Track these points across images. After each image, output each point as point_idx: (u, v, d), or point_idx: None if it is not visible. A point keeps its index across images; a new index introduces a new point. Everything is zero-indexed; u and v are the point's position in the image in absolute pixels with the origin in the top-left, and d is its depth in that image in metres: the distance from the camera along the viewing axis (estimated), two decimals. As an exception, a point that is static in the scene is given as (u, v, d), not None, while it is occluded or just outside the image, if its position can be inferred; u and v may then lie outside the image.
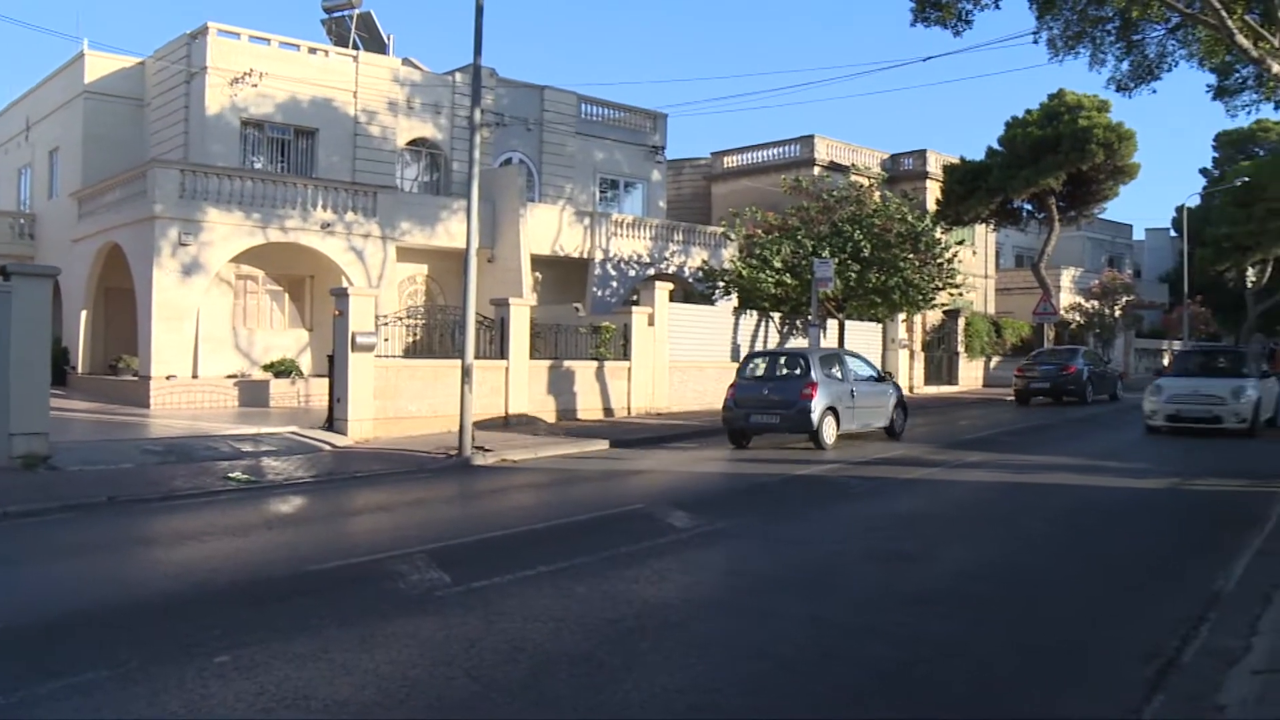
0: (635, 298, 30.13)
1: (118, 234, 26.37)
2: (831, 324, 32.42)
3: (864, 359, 23.09)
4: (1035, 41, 23.09)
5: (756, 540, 10.31)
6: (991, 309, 50.15)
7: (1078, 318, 51.33)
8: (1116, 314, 51.62)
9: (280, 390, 25.79)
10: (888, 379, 23.34)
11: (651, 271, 33.86)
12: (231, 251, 25.61)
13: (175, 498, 13.17)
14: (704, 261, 33.87)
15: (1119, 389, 36.48)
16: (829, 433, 19.69)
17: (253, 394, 25.32)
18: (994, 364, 45.86)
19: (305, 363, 27.72)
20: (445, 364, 21.53)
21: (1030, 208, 44.81)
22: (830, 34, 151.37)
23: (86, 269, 28.08)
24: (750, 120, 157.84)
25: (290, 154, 30.39)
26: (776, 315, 31.86)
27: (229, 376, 25.74)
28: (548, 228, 31.81)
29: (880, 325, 36.76)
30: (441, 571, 8.62)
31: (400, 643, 6.60)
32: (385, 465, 16.46)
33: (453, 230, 29.44)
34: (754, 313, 31.30)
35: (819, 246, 30.35)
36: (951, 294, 34.49)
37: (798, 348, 26.80)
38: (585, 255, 32.90)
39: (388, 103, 31.71)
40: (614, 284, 33.32)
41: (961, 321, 43.45)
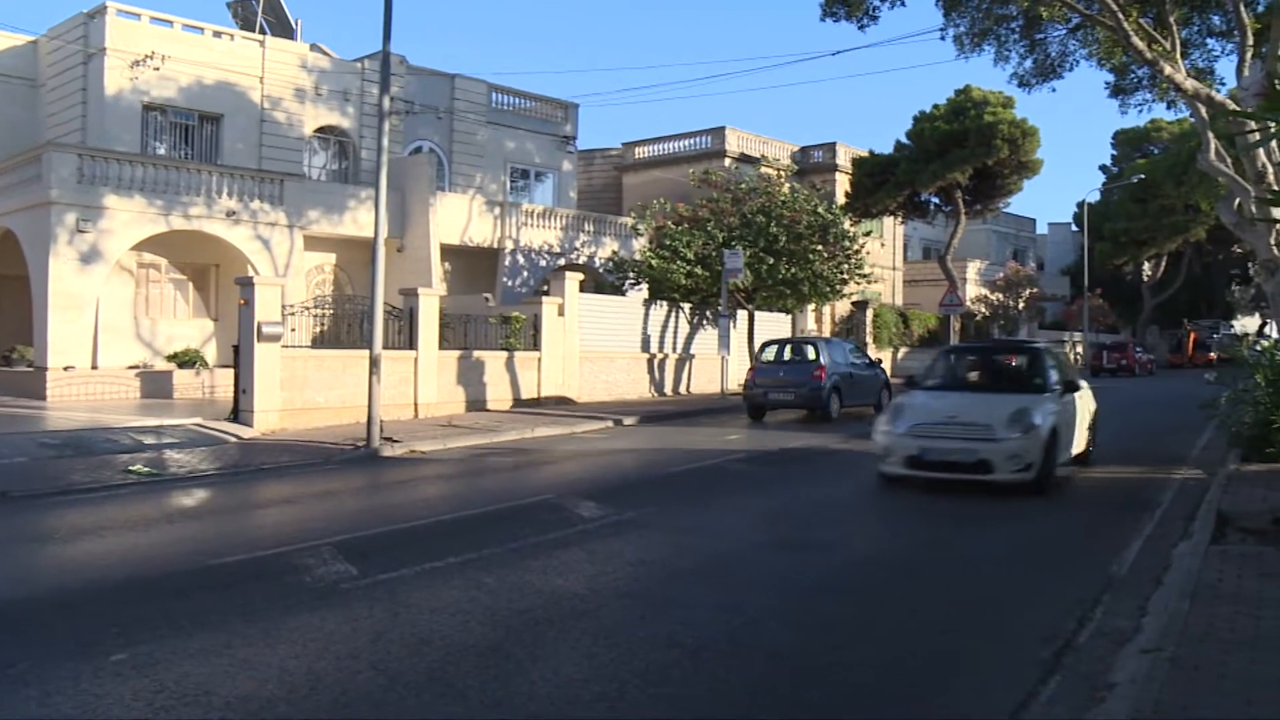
0: (545, 288, 30.08)
1: (10, 220, 25.56)
2: (741, 315, 32.70)
3: (858, 348, 27.59)
4: (942, 38, 23.43)
5: (664, 530, 10.38)
6: (899, 300, 50.95)
7: (983, 309, 52.42)
8: (1020, 306, 52.79)
9: (184, 381, 25.31)
10: (876, 364, 27.01)
11: (562, 262, 33.82)
12: (133, 239, 25.02)
13: (73, 492, 12.87)
14: (615, 252, 33.90)
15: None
16: (835, 407, 23.36)
17: (155, 385, 24.80)
18: (902, 355, 46.62)
19: (210, 353, 27.21)
20: (353, 354, 21.30)
21: (937, 201, 45.65)
22: (742, 27, 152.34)
23: (-25, 256, 27.24)
24: (662, 111, 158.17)
25: (195, 140, 29.79)
26: (687, 306, 32.04)
27: (130, 367, 25.17)
28: (458, 217, 31.61)
29: (789, 316, 37.16)
30: (348, 564, 8.56)
31: (306, 636, 6.56)
32: (292, 457, 16.26)
33: (361, 219, 29.08)
34: (664, 303, 31.44)
35: (729, 238, 30.59)
36: (860, 285, 35.02)
37: (808, 336, 31.49)
38: (495, 245, 32.74)
39: (295, 89, 31.24)
40: (524, 274, 33.21)
41: (870, 313, 44.09)
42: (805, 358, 24.19)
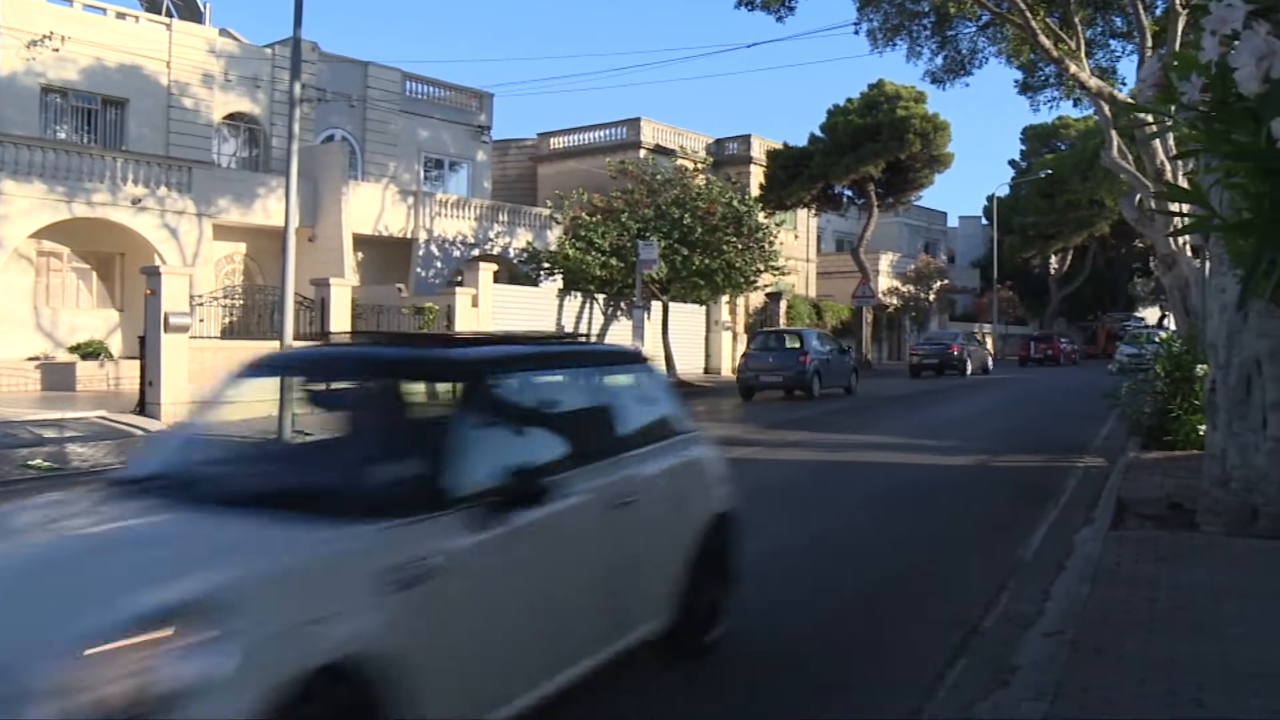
0: (459, 278, 29.91)
1: (-100, 206, 24.75)
2: (655, 306, 32.81)
3: (832, 338, 31.97)
4: (856, 32, 23.78)
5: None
6: (813, 292, 51.45)
7: (895, 301, 53.19)
8: (931, 298, 53.66)
9: (88, 373, 24.69)
10: (847, 352, 31.51)
11: (476, 252, 33.62)
12: (32, 226, 24.34)
13: (-31, 486, 12.50)
14: (529, 243, 33.82)
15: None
16: (816, 387, 27.41)
17: (57, 377, 24.16)
18: (815, 346, 47.09)
19: (115, 344, 26.59)
20: (264, 345, 20.93)
21: (850, 193, 46.22)
22: (658, 17, 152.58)
23: None
24: (577, 102, 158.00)
25: (98, 124, 29.07)
26: (601, 297, 32.11)
27: (30, 359, 24.48)
28: (371, 207, 31.26)
29: (704, 307, 37.44)
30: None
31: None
32: (199, 450, 15.93)
33: (272, 208, 28.61)
34: (579, 295, 31.46)
35: (644, 229, 30.66)
36: (774, 276, 35.33)
37: (793, 328, 34.96)
38: (409, 235, 32.45)
39: (203, 74, 30.62)
40: (438, 264, 32.97)
41: (783, 304, 44.45)
42: (791, 346, 28.23)
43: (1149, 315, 73.47)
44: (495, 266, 28.92)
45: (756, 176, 45.21)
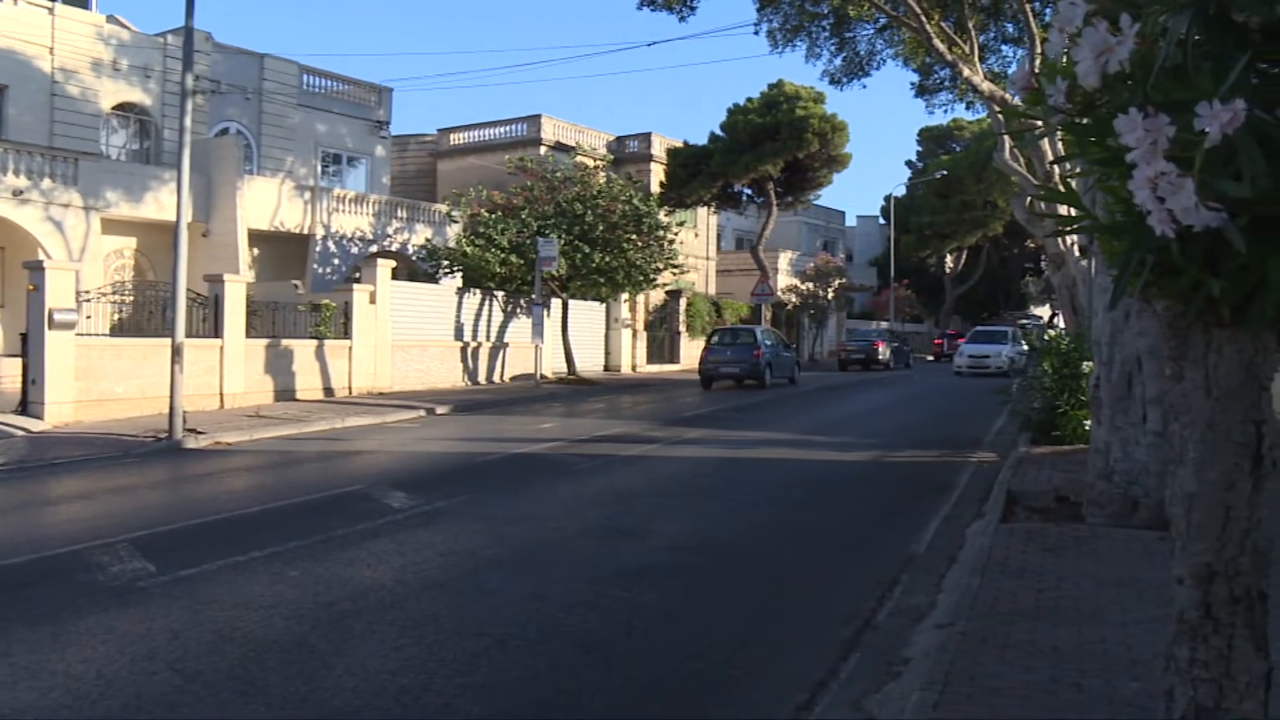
0: (357, 275, 29.51)
1: None
2: (555, 303, 32.78)
3: (778, 334, 36.55)
4: (756, 33, 23.92)
5: (476, 519, 10.32)
6: (712, 289, 51.79)
7: (793, 299, 53.76)
8: (829, 296, 54.35)
9: (-33, 371, 23.89)
10: (791, 348, 36.97)
11: (374, 249, 33.18)
12: (-94, 219, 23.46)
13: None
14: (428, 239, 33.51)
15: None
16: (768, 378, 31.52)
17: (-65, 375, 23.35)
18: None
19: (-4, 341, 25.76)
20: (155, 343, 20.50)
21: (750, 192, 46.66)
22: (560, 14, 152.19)
23: None
24: (478, 98, 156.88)
25: (-26, 113, 28.07)
26: (501, 294, 31.98)
27: (-94, 356, 23.64)
28: (267, 202, 30.66)
29: (604, 305, 37.48)
30: (146, 561, 8.26)
31: (96, 639, 6.30)
32: (87, 450, 15.53)
33: (164, 202, 27.88)
34: (478, 292, 31.29)
35: (544, 226, 30.61)
36: (673, 274, 35.53)
37: (749, 326, 37.17)
38: (306, 231, 31.91)
39: (90, 62, 29.71)
40: (335, 261, 32.49)
41: (683, 302, 44.70)
42: (745, 341, 32.04)
43: (1043, 313, 75.40)
44: (394, 263, 28.57)
45: (657, 174, 45.38)
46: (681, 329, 44.68)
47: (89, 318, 20.28)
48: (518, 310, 32.60)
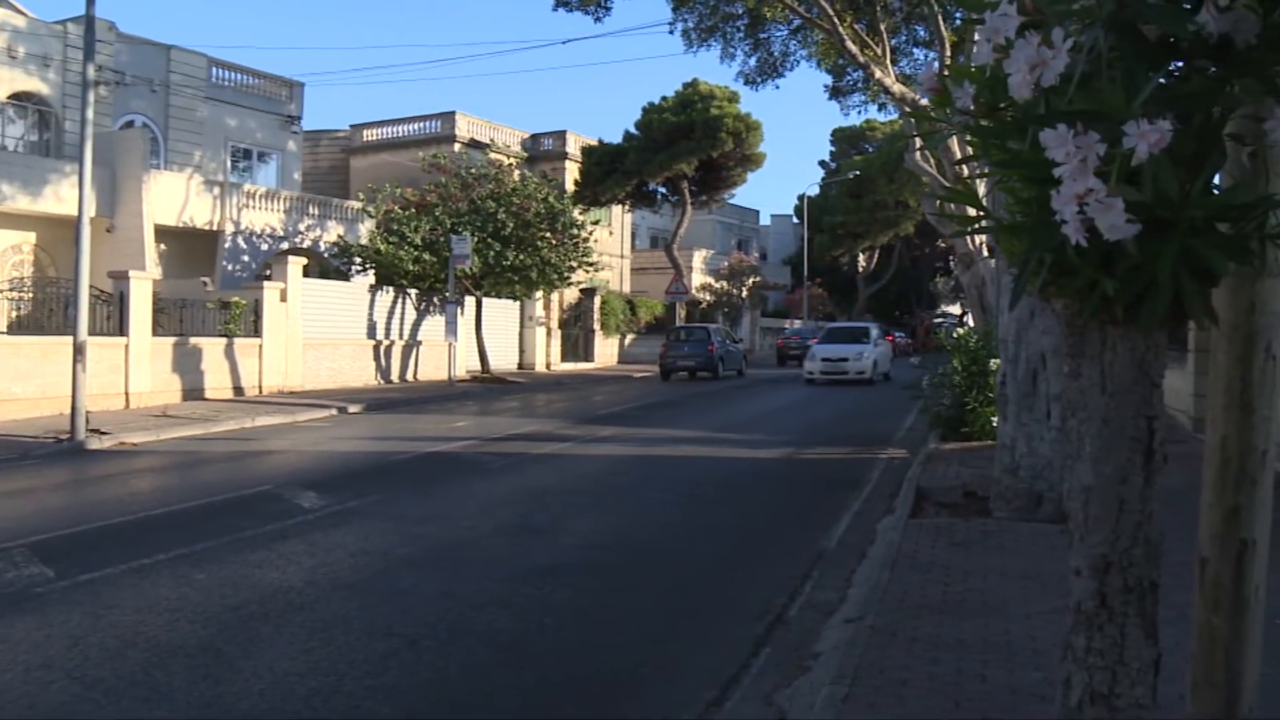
0: (268, 272, 29.07)
1: None
2: (469, 301, 32.62)
3: (729, 332, 40.98)
4: (671, 32, 24.04)
5: (388, 519, 10.23)
6: (627, 288, 51.89)
7: (708, 297, 54.06)
8: (744, 294, 54.74)
9: None
10: (739, 343, 41.02)
11: (285, 246, 32.70)
12: None
13: None
14: (340, 236, 33.12)
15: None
16: (720, 370, 35.30)
17: None
18: (629, 341, 47.50)
19: (-112, 339, 24.89)
20: (56, 341, 19.99)
21: (664, 191, 46.80)
22: (474, 10, 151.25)
23: None
24: (392, 94, 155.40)
25: None
26: (414, 292, 31.77)
27: None
28: (174, 197, 30.03)
29: (518, 303, 37.39)
30: (44, 566, 8.05)
31: (-9, 646, 6.12)
32: (-16, 451, 15.12)
33: (65, 195, 27.15)
34: (391, 289, 31.06)
35: (458, 224, 30.44)
36: (588, 273, 35.58)
37: (703, 324, 41.00)
38: (215, 227, 31.32)
39: (-15, 52, 28.88)
40: (245, 258, 31.95)
41: (598, 300, 44.73)
42: (699, 338, 35.90)
43: (955, 311, 76.73)
44: (305, 260, 28.22)
45: (571, 172, 45.33)
46: (596, 327, 44.71)
47: (-14, 315, 19.75)
48: (431, 308, 32.39)
